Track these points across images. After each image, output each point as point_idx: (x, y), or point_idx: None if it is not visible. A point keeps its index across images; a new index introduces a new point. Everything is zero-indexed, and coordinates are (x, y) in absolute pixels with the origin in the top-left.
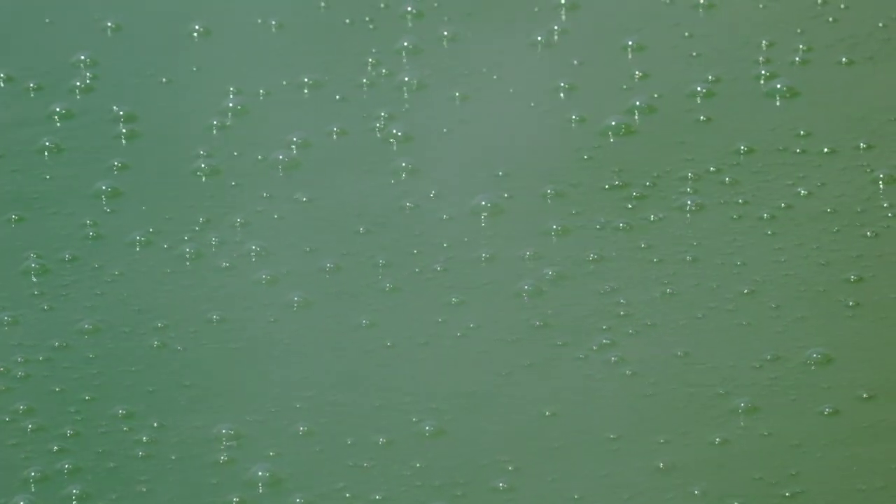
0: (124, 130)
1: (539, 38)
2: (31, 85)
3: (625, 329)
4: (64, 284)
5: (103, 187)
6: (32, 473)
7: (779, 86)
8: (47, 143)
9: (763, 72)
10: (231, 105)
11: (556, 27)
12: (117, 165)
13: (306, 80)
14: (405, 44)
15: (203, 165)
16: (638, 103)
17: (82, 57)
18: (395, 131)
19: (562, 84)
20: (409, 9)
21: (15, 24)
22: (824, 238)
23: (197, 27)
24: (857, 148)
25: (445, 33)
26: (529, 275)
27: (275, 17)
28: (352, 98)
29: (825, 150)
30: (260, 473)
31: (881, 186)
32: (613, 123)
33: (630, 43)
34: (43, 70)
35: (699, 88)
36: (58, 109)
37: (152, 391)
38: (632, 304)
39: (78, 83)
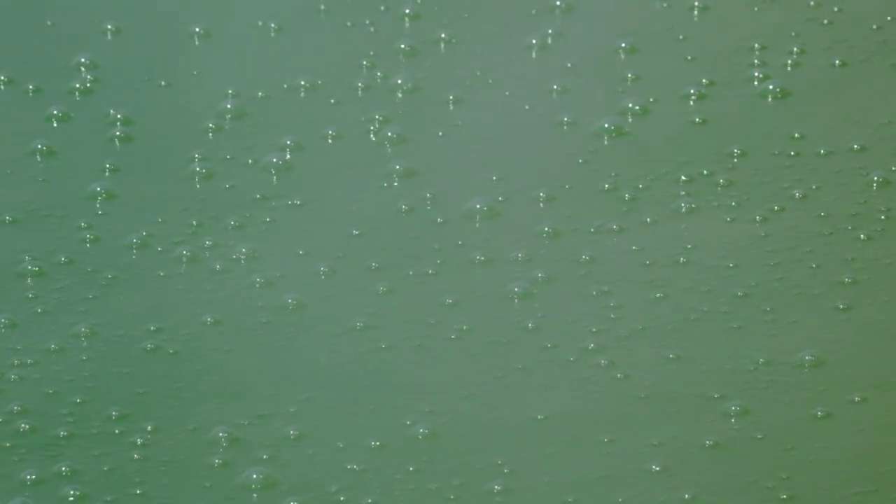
0: (120, 133)
1: (534, 41)
2: (30, 87)
3: (617, 332)
4: (58, 287)
5: (98, 189)
6: (28, 476)
7: (773, 87)
8: (44, 146)
9: (757, 74)
10: (229, 107)
11: (550, 30)
12: (113, 168)
13: (302, 82)
14: (402, 46)
15: (198, 168)
16: (632, 105)
17: (82, 59)
18: (389, 134)
19: (556, 87)
20: (408, 11)
21: (16, 27)
22: (818, 241)
23: (197, 29)
24: (852, 150)
25: (443, 35)
26: (523, 277)
27: (274, 20)
28: (347, 101)
29: (819, 152)
30: (254, 476)
31: (875, 189)
32: (607, 126)
33: (624, 45)
34: (43, 72)
35: (693, 91)
36: (55, 112)
37: (146, 394)
38: (624, 306)
39: (77, 85)
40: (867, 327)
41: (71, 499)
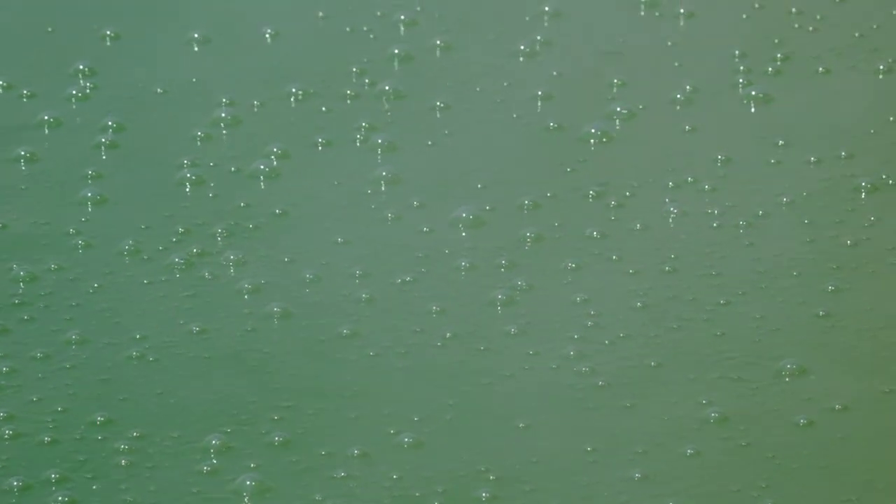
0: (108, 140)
1: (522, 48)
2: (25, 92)
3: (600, 339)
4: (44, 294)
5: (88, 195)
6: (14, 483)
7: (758, 94)
8: (32, 152)
9: (743, 81)
10: (223, 115)
11: (538, 37)
12: (101, 175)
13: (293, 90)
14: (396, 51)
15: (188, 175)
16: (619, 109)
17: (81, 66)
18: (379, 141)
19: (543, 93)
20: (403, 17)
21: (16, 33)
22: (802, 248)
23: (196, 36)
24: (839, 157)
25: (438, 42)
26: (507, 285)
27: (273, 27)
28: (338, 108)
29: (805, 159)
30: (245, 483)
31: (862, 196)
32: (594, 132)
33: (611, 52)
34: (41, 78)
35: (680, 97)
36: (47, 118)
37: (131, 401)
38: (607, 314)
39: (74, 92)
40: (850, 335)
41: None
